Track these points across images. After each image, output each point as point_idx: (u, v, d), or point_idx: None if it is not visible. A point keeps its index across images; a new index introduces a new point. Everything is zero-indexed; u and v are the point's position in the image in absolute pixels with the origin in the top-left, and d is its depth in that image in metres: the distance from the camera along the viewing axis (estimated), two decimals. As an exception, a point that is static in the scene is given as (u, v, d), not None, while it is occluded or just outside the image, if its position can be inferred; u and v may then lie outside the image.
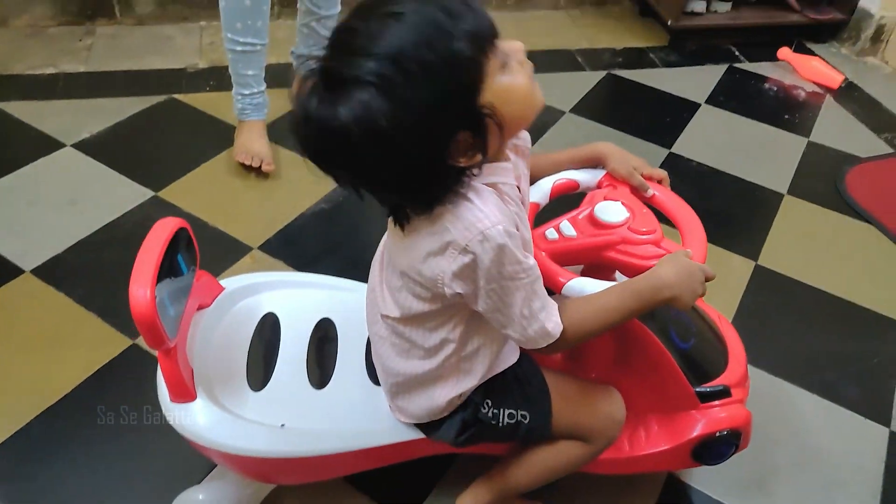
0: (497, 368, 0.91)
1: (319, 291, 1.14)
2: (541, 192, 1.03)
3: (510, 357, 0.92)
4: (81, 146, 1.80)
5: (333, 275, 1.18)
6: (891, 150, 2.11)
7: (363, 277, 1.00)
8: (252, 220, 1.64)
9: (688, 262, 0.84)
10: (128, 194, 1.68)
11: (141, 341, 1.34)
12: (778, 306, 1.58)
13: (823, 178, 1.97)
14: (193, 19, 2.33)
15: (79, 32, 2.23)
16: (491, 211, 0.72)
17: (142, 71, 2.10)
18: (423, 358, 0.86)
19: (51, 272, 1.47)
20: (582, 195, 1.02)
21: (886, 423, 1.34)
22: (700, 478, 1.21)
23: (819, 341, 1.50)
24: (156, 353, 0.86)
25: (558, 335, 0.79)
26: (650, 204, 1.00)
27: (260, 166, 1.74)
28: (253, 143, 1.76)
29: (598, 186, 1.03)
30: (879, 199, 1.91)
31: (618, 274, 1.00)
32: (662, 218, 0.97)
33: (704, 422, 1.02)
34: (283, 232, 1.62)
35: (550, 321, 0.78)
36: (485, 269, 0.72)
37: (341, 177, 0.71)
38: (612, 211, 0.94)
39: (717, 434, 1.01)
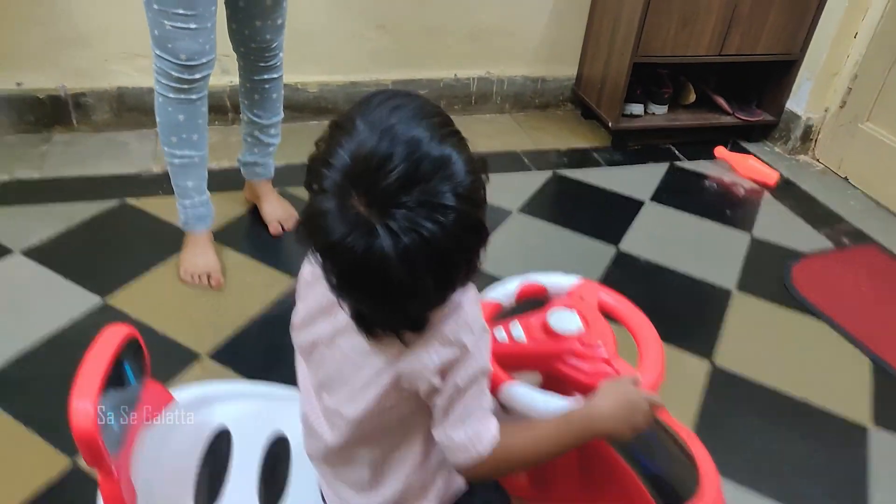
0: (453, 485, 0.87)
1: (272, 403, 1.12)
2: (506, 292, 1.01)
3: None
4: (29, 252, 1.79)
5: (285, 383, 1.15)
6: (831, 245, 2.19)
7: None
8: (201, 327, 1.63)
9: (632, 391, 0.82)
10: (75, 301, 1.65)
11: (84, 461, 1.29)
12: (738, 409, 1.57)
13: (770, 274, 2.02)
14: (149, 125, 2.37)
15: (35, 140, 2.25)
16: (473, 305, 0.73)
17: (95, 176, 2.11)
18: (388, 482, 0.83)
19: (-10, 387, 1.42)
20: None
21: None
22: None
23: (785, 447, 1.49)
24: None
25: (487, 452, 0.76)
26: (609, 316, 0.98)
27: (209, 283, 1.74)
28: (197, 256, 1.77)
29: (568, 295, 1.01)
30: (826, 294, 1.95)
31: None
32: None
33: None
34: (232, 339, 1.61)
35: (488, 431, 0.76)
36: (465, 361, 0.73)
37: (366, 299, 0.70)
38: (565, 320, 0.92)
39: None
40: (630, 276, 1.95)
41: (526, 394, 0.86)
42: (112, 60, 2.27)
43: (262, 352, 1.59)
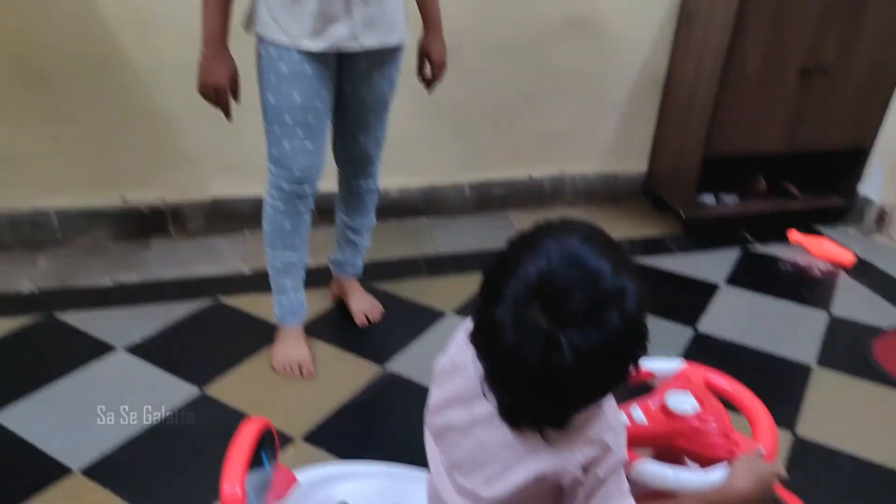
0: None
1: (390, 481, 1.16)
2: None
3: None
4: (132, 349, 1.90)
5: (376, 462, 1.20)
6: (913, 322, 2.15)
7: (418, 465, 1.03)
8: (294, 413, 1.69)
9: (763, 468, 0.88)
10: (175, 392, 1.74)
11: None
12: (823, 480, 1.55)
13: (850, 350, 2.00)
14: (238, 230, 2.53)
15: (135, 248, 2.42)
16: (613, 406, 0.81)
17: (190, 278, 2.25)
18: None
19: (99, 471, 1.50)
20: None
21: None
22: None
23: None
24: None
25: None
26: (720, 395, 1.05)
27: (301, 373, 1.82)
28: (290, 348, 1.85)
29: (674, 379, 1.08)
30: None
31: (688, 460, 1.03)
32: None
33: None
34: (324, 423, 1.66)
35: None
36: (607, 457, 0.78)
37: (522, 397, 0.76)
38: (682, 401, 1.00)
39: None
40: (709, 356, 1.94)
41: (657, 470, 0.92)
42: (209, 175, 2.46)
43: (353, 434, 1.63)
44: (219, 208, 2.50)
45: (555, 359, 0.68)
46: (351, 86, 1.69)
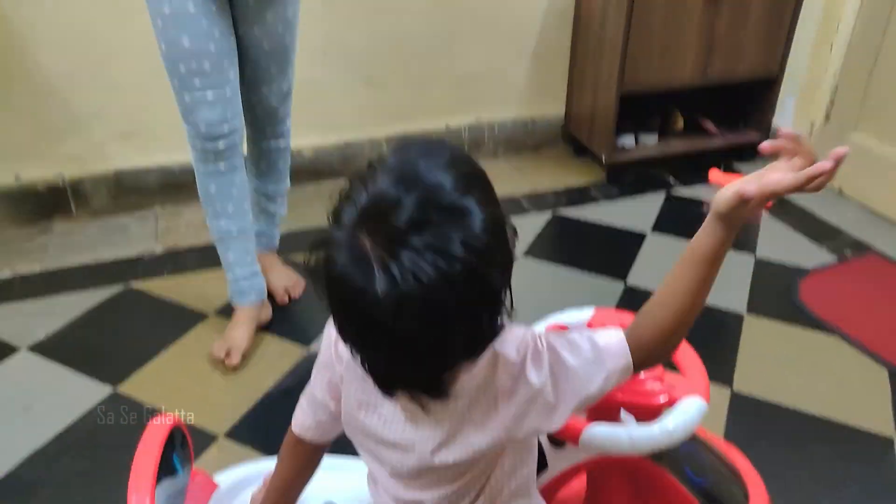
0: None
1: (319, 474, 1.11)
2: None
3: None
4: (37, 348, 1.78)
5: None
6: (834, 258, 2.20)
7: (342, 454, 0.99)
8: (216, 406, 1.61)
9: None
10: (86, 393, 1.64)
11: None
12: (762, 433, 1.56)
13: (778, 293, 2.02)
14: (147, 206, 2.39)
15: (34, 233, 2.26)
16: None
17: (98, 263, 2.12)
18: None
19: (3, 492, 1.40)
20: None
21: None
22: None
23: (813, 467, 1.48)
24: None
25: (626, 352, 0.76)
26: None
27: (223, 358, 1.72)
28: (231, 330, 1.76)
29: (589, 326, 1.04)
30: (836, 308, 1.96)
31: (623, 413, 0.99)
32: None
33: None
34: (249, 416, 1.59)
35: (604, 338, 0.77)
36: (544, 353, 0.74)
37: (370, 348, 0.68)
38: None
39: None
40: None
41: (608, 433, 0.88)
42: (107, 143, 2.30)
43: (281, 426, 1.56)
44: (123, 182, 2.35)
45: (380, 286, 0.60)
46: (244, 27, 1.56)
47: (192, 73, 1.48)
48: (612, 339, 0.76)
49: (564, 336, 0.77)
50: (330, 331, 0.85)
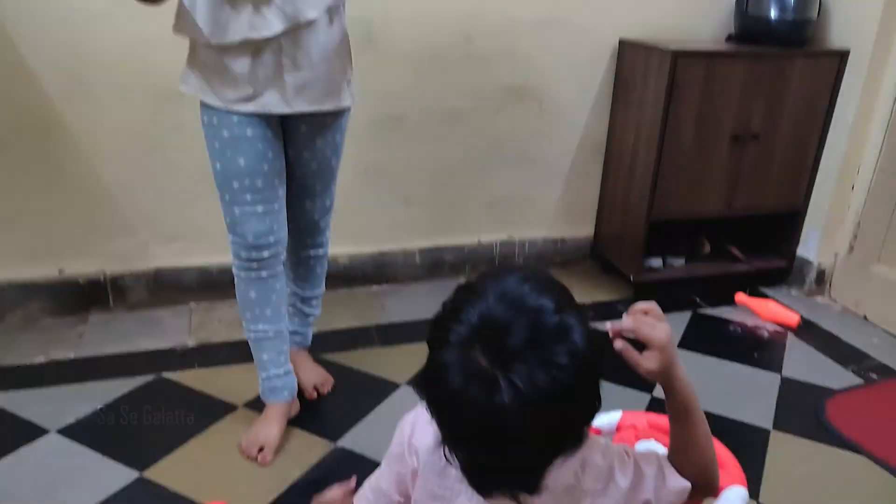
0: None
1: None
2: None
3: None
4: (66, 431, 1.78)
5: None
6: (860, 381, 2.19)
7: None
8: (242, 496, 1.60)
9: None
10: (112, 477, 1.63)
11: None
12: None
13: (804, 412, 2.01)
14: (183, 301, 2.45)
15: (72, 322, 2.31)
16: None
17: (131, 353, 2.15)
18: None
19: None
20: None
21: None
22: None
23: None
24: None
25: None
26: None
27: (256, 457, 1.71)
28: (260, 427, 1.76)
29: (619, 429, 1.08)
30: (862, 429, 1.94)
31: None
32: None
33: None
34: (274, 504, 1.57)
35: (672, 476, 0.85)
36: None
37: (479, 450, 0.73)
38: (655, 448, 1.01)
39: None
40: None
41: None
42: (151, 245, 2.39)
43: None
44: (161, 279, 2.42)
45: (497, 399, 0.66)
46: (294, 150, 1.68)
47: (245, 189, 1.58)
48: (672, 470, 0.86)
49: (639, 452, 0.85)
50: (403, 427, 0.91)
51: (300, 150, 1.68)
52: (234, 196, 1.58)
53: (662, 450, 0.98)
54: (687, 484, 0.84)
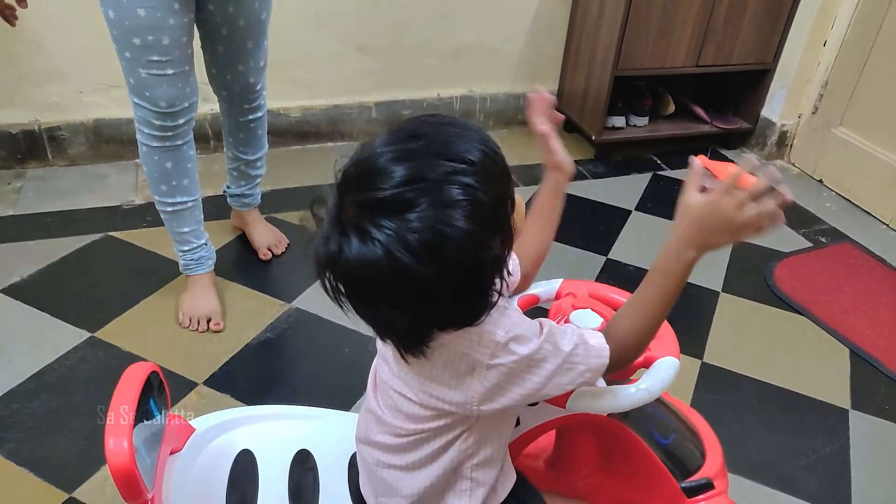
0: (500, 490, 0.88)
1: (291, 423, 1.10)
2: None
3: (511, 476, 0.90)
4: (10, 291, 1.73)
5: (282, 405, 1.14)
6: (809, 245, 2.24)
7: (318, 405, 1.01)
8: (195, 356, 1.59)
9: (708, 198, 0.77)
10: (61, 337, 1.61)
11: (79, 494, 1.25)
12: (727, 402, 1.62)
13: (753, 275, 2.06)
14: (128, 157, 2.33)
15: (8, 176, 2.19)
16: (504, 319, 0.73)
17: (75, 210, 2.06)
18: (434, 471, 0.82)
19: (-25, 428, 1.37)
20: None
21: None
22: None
23: (771, 434, 1.55)
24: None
25: (607, 354, 0.78)
26: (607, 304, 1.03)
27: (209, 327, 1.67)
28: (197, 299, 1.70)
29: (558, 296, 1.06)
30: (807, 291, 2.02)
31: None
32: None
33: (694, 516, 1.02)
34: (227, 365, 1.58)
35: (593, 339, 0.78)
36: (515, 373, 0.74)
37: (385, 307, 0.69)
38: (587, 318, 0.97)
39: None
40: (620, 283, 1.93)
41: (595, 392, 0.89)
42: (87, 93, 2.23)
43: (258, 376, 1.56)
44: (102, 131, 2.29)
45: (344, 246, 0.64)
46: (215, 5, 1.49)
47: (149, 47, 1.37)
48: (598, 341, 0.79)
49: (560, 327, 0.78)
50: None
51: (224, 4, 1.49)
52: (137, 55, 1.39)
53: (598, 320, 0.96)
54: (605, 361, 0.79)
